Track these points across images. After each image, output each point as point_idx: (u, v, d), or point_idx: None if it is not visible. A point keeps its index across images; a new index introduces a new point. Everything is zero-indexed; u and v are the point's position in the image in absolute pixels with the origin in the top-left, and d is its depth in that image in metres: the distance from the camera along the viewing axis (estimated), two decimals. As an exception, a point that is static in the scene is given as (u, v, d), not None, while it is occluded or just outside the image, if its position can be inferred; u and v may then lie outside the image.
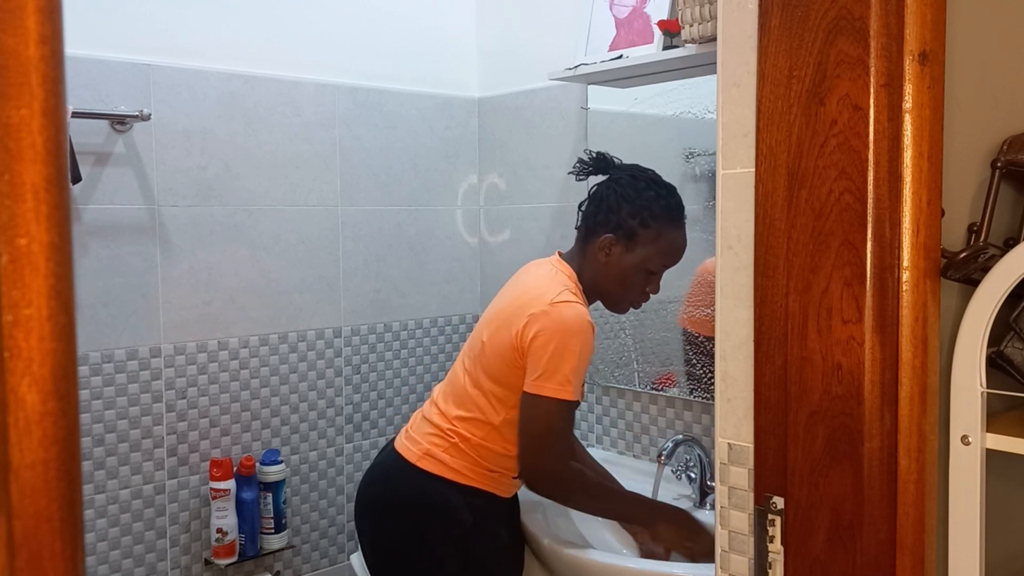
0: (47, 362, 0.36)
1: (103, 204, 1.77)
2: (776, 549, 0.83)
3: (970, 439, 0.77)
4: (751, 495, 0.87)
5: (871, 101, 0.74)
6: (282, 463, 1.98)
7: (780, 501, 0.82)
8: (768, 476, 0.83)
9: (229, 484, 1.88)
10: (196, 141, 1.88)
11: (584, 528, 1.80)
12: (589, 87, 2.05)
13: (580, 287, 1.58)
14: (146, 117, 1.77)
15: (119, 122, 1.77)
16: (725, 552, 0.91)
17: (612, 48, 1.88)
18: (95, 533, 1.78)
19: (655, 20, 1.78)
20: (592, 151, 1.68)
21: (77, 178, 1.70)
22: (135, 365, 1.81)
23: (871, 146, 0.74)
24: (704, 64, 1.69)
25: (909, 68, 0.74)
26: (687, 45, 1.66)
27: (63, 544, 0.37)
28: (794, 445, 0.81)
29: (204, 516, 1.92)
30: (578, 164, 1.67)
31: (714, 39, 1.56)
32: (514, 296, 1.57)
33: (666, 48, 1.75)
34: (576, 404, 1.51)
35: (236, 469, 1.91)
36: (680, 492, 1.82)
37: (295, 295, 2.05)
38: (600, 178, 1.66)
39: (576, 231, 1.65)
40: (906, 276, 0.74)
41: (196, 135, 1.88)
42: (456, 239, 2.35)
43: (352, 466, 2.17)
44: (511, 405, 1.53)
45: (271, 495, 1.95)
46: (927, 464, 0.76)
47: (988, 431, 0.77)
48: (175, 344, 1.87)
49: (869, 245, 0.75)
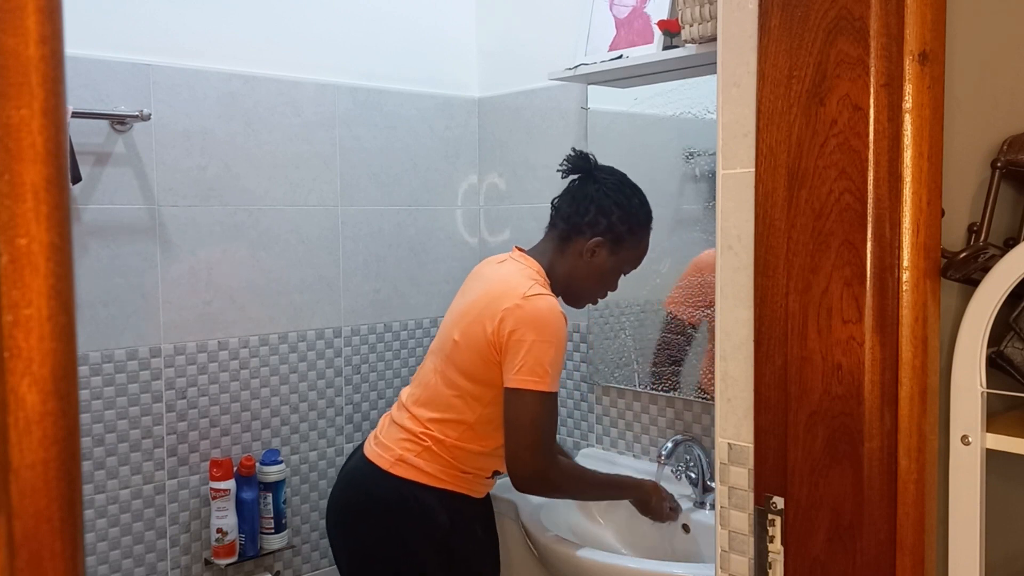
0: (47, 362, 0.36)
1: (103, 204, 1.77)
2: (776, 549, 0.83)
3: (970, 439, 0.77)
4: (751, 495, 0.87)
5: (871, 101, 0.74)
6: (282, 463, 1.98)
7: (780, 501, 0.82)
8: (768, 476, 0.83)
9: (229, 484, 1.88)
10: (196, 141, 1.88)
11: (584, 528, 1.80)
12: (589, 87, 2.05)
13: (547, 280, 1.60)
14: (146, 117, 1.77)
15: (119, 122, 1.77)
16: (725, 552, 0.91)
17: (612, 48, 1.88)
18: (95, 533, 1.78)
19: (655, 20, 1.78)
20: (576, 150, 1.70)
21: (77, 178, 1.69)
22: (135, 365, 1.81)
23: (871, 146, 0.74)
24: (704, 64, 1.69)
25: (909, 68, 0.74)
26: (687, 45, 1.66)
27: (63, 544, 0.37)
28: (794, 445, 0.81)
29: (204, 516, 1.92)
30: (565, 163, 1.69)
31: (714, 39, 1.56)
32: (483, 292, 1.57)
33: (666, 48, 1.75)
34: (555, 396, 1.52)
35: (236, 469, 1.91)
36: (680, 492, 1.82)
37: (295, 295, 2.05)
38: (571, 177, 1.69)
39: (551, 229, 1.67)
40: (906, 276, 0.74)
41: (196, 135, 1.88)
42: (456, 239, 2.35)
43: (352, 466, 2.17)
44: (486, 402, 1.54)
45: (271, 495, 1.95)
46: (927, 464, 0.76)
47: (988, 431, 0.77)
48: (175, 344, 1.87)
49: (869, 245, 0.75)
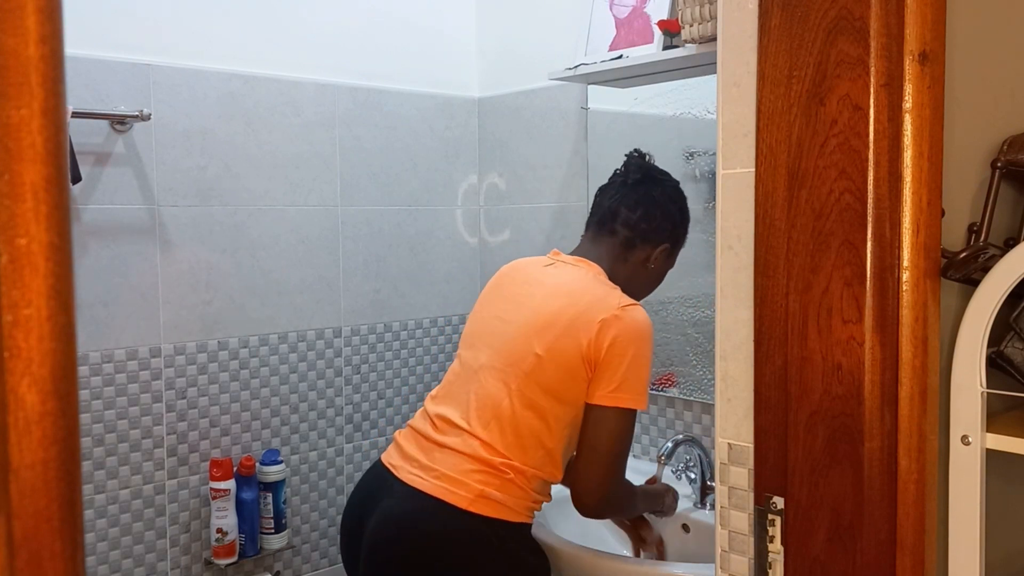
0: (47, 362, 0.36)
1: (103, 204, 1.77)
2: (776, 549, 0.83)
3: (970, 439, 0.77)
4: (751, 495, 0.87)
5: (871, 101, 0.74)
6: (282, 463, 1.98)
7: (780, 501, 0.82)
8: (768, 476, 0.83)
9: (229, 484, 1.88)
10: (196, 141, 1.88)
11: (584, 528, 1.80)
12: (589, 87, 2.05)
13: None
14: (146, 117, 1.77)
15: (119, 122, 1.77)
16: (725, 552, 0.91)
17: (612, 48, 1.88)
18: (95, 533, 1.78)
19: (655, 20, 1.78)
20: (637, 150, 1.61)
21: (77, 178, 1.70)
22: (135, 365, 1.81)
23: (871, 146, 0.74)
24: (704, 64, 1.69)
25: (909, 68, 0.74)
26: (687, 45, 1.66)
27: (63, 544, 0.37)
28: (794, 445, 0.81)
29: (204, 516, 1.92)
30: (632, 166, 1.59)
31: (714, 39, 1.56)
32: (567, 303, 1.42)
33: (666, 48, 1.75)
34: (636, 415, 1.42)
35: (236, 469, 1.91)
36: (680, 492, 1.82)
37: (295, 295, 2.05)
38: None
39: (600, 230, 1.56)
40: (906, 276, 0.74)
41: (196, 135, 1.88)
42: (456, 239, 2.35)
43: (352, 466, 2.17)
44: (566, 423, 1.40)
45: (271, 495, 1.95)
46: (927, 464, 0.76)
47: (988, 431, 0.77)
48: (175, 344, 1.87)
49: (869, 245, 0.75)
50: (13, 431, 0.36)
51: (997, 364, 0.83)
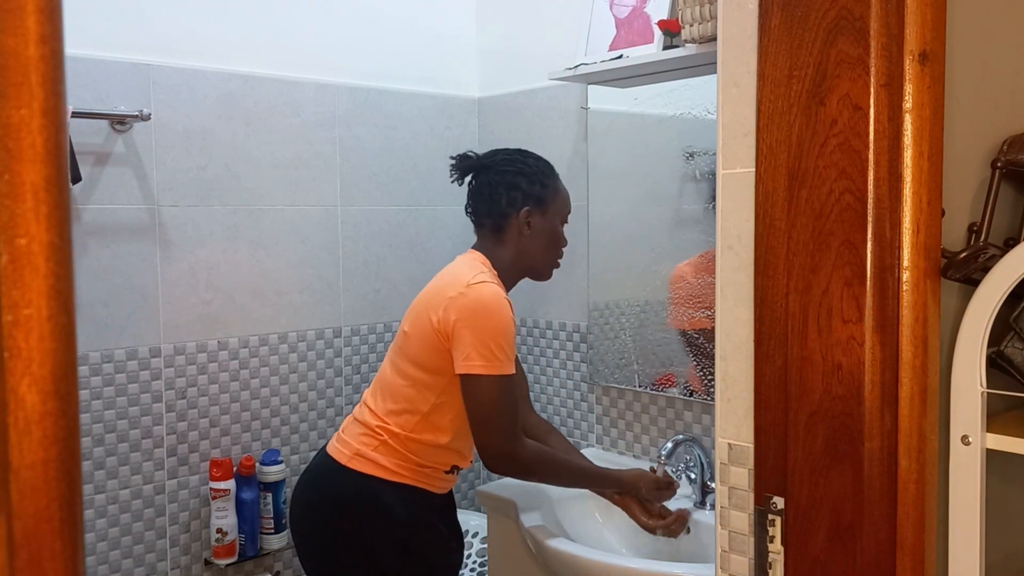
0: (47, 362, 0.36)
1: (103, 204, 1.77)
2: (776, 549, 0.83)
3: (970, 439, 0.77)
4: (751, 495, 0.87)
5: (871, 101, 0.74)
6: (282, 463, 1.98)
7: (780, 501, 0.82)
8: (768, 476, 0.83)
9: (229, 484, 1.88)
10: (196, 141, 1.88)
11: (584, 528, 1.80)
12: (589, 87, 2.05)
13: (496, 272, 1.64)
14: (146, 117, 1.77)
15: (119, 122, 1.77)
16: (725, 552, 0.91)
17: (612, 48, 1.88)
18: (95, 533, 1.78)
19: (655, 20, 1.78)
20: (457, 155, 1.75)
21: (77, 178, 1.69)
22: (135, 365, 1.81)
23: (871, 146, 0.74)
24: (704, 64, 1.69)
25: (909, 68, 0.74)
26: (687, 45, 1.66)
27: (63, 544, 0.37)
28: (794, 445, 0.81)
29: (204, 516, 1.92)
30: (455, 170, 1.75)
31: (714, 39, 1.56)
32: (431, 286, 1.65)
33: (666, 48, 1.75)
34: (511, 378, 1.54)
35: (236, 469, 1.91)
36: (680, 492, 1.82)
37: (295, 295, 2.05)
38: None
39: (479, 229, 1.72)
40: (906, 276, 0.74)
41: (196, 135, 1.88)
42: (456, 239, 2.35)
43: (352, 466, 2.17)
44: (439, 390, 1.57)
45: (271, 495, 1.95)
46: (927, 464, 0.76)
47: (988, 431, 0.77)
48: (175, 344, 1.87)
49: (869, 245, 0.75)
50: (13, 431, 0.36)
51: (997, 364, 0.84)
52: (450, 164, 1.75)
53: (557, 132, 2.16)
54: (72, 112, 1.64)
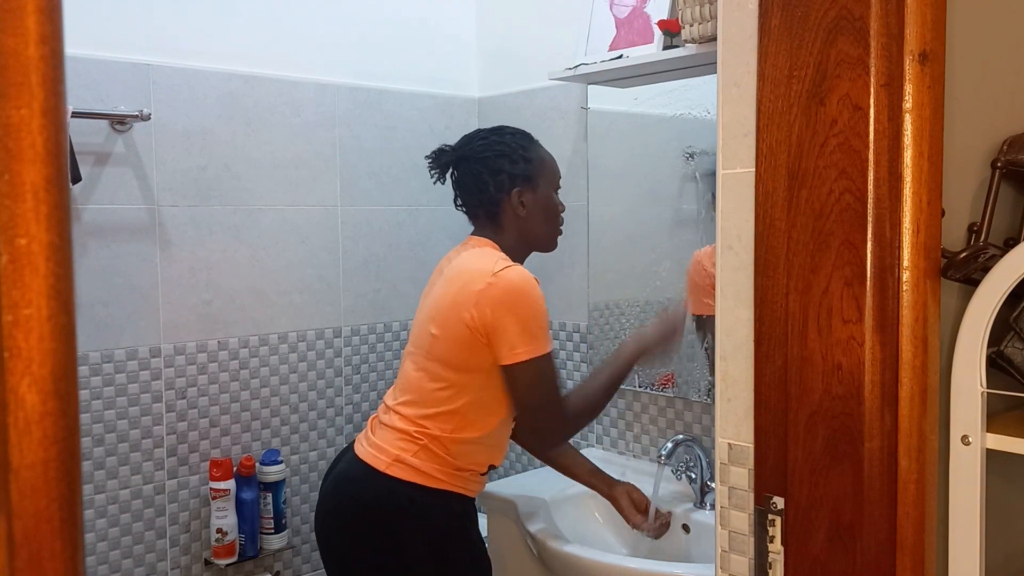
0: (47, 362, 0.36)
1: (103, 204, 1.77)
2: (776, 549, 0.83)
3: (970, 439, 0.77)
4: (751, 495, 0.87)
5: (871, 101, 0.74)
6: (282, 463, 1.98)
7: (780, 501, 0.82)
8: (768, 476, 0.83)
9: (229, 484, 1.88)
10: (196, 141, 1.88)
11: (584, 528, 1.80)
12: (589, 87, 2.05)
13: (507, 255, 1.60)
14: (146, 117, 1.77)
15: (119, 122, 1.77)
16: (725, 552, 0.91)
17: (612, 48, 1.88)
18: (95, 533, 1.78)
19: (655, 20, 1.78)
20: (433, 152, 1.70)
21: (77, 178, 1.70)
22: (135, 365, 1.81)
23: (871, 146, 0.74)
24: (704, 64, 1.69)
25: (909, 68, 0.74)
26: (687, 45, 1.66)
27: (63, 544, 0.37)
28: (794, 445, 0.81)
29: (204, 516, 1.92)
30: (434, 168, 1.70)
31: (714, 39, 1.56)
32: (450, 283, 1.57)
33: (666, 48, 1.75)
34: (551, 353, 1.54)
35: (236, 469, 1.91)
36: (680, 492, 1.82)
37: (295, 295, 2.05)
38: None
39: (475, 219, 1.69)
40: (906, 276, 0.74)
41: (196, 135, 1.88)
42: (456, 239, 2.34)
43: (352, 466, 2.17)
44: (476, 387, 1.54)
45: (271, 495, 1.95)
46: (927, 464, 0.76)
47: (988, 431, 0.77)
48: (175, 344, 1.87)
49: (869, 245, 0.75)
50: (13, 431, 0.36)
51: (997, 364, 0.83)
52: (427, 163, 1.70)
53: (557, 132, 2.16)
54: (72, 112, 1.64)
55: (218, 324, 1.93)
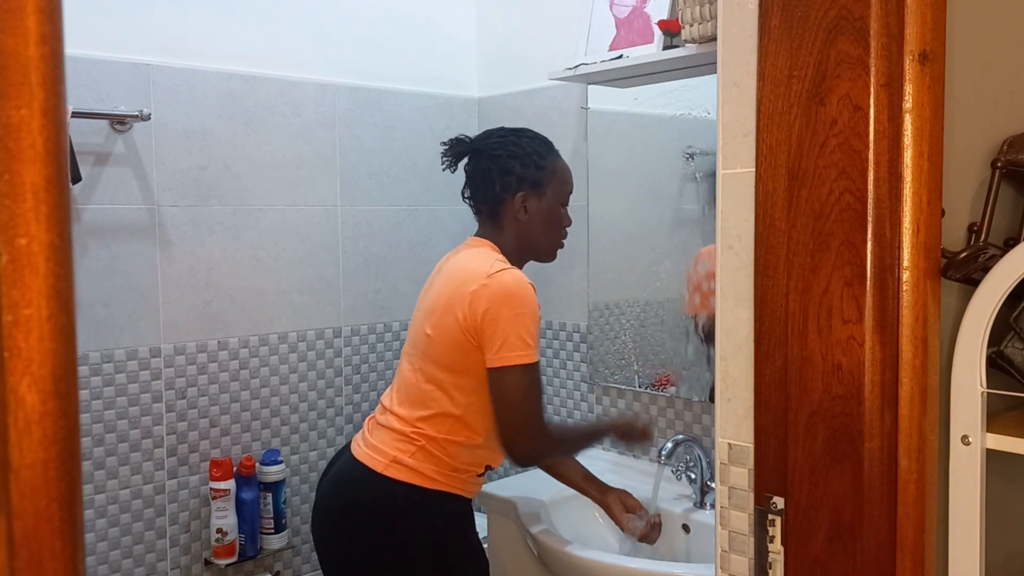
0: (47, 362, 0.36)
1: (103, 204, 1.77)
2: (776, 549, 0.83)
3: (970, 439, 0.77)
4: (751, 495, 0.87)
5: (871, 101, 0.74)
6: (282, 463, 1.98)
7: (780, 501, 0.82)
8: (768, 476, 0.83)
9: (229, 484, 1.88)
10: (196, 141, 1.88)
11: (584, 528, 1.80)
12: (589, 87, 2.05)
13: (504, 257, 1.60)
14: (146, 117, 1.77)
15: (119, 122, 1.77)
16: (725, 552, 0.91)
17: (612, 48, 1.88)
18: (95, 533, 1.78)
19: (655, 20, 1.78)
20: (450, 139, 1.70)
21: (77, 178, 1.69)
22: (135, 365, 1.81)
23: (871, 146, 0.74)
24: (704, 64, 1.69)
25: (909, 68, 0.74)
26: (687, 45, 1.66)
27: (63, 544, 0.37)
28: (794, 445, 0.81)
29: (204, 516, 1.92)
30: (448, 156, 1.70)
31: (714, 39, 1.56)
32: (446, 283, 1.57)
33: (666, 48, 1.75)
34: (537, 365, 1.52)
35: (236, 469, 1.91)
36: (680, 492, 1.82)
37: (295, 295, 2.05)
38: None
39: (477, 215, 1.68)
40: (906, 276, 0.74)
41: (196, 135, 1.88)
42: (456, 239, 2.34)
43: (352, 466, 2.17)
44: (470, 391, 1.52)
45: (271, 495, 1.95)
46: (927, 464, 0.76)
47: (988, 431, 0.77)
48: (175, 344, 1.87)
49: (869, 245, 0.75)
50: (13, 431, 0.36)
51: (997, 364, 0.83)
52: (442, 149, 1.69)
53: (557, 132, 2.15)
54: (72, 112, 1.64)
55: (218, 324, 1.93)
